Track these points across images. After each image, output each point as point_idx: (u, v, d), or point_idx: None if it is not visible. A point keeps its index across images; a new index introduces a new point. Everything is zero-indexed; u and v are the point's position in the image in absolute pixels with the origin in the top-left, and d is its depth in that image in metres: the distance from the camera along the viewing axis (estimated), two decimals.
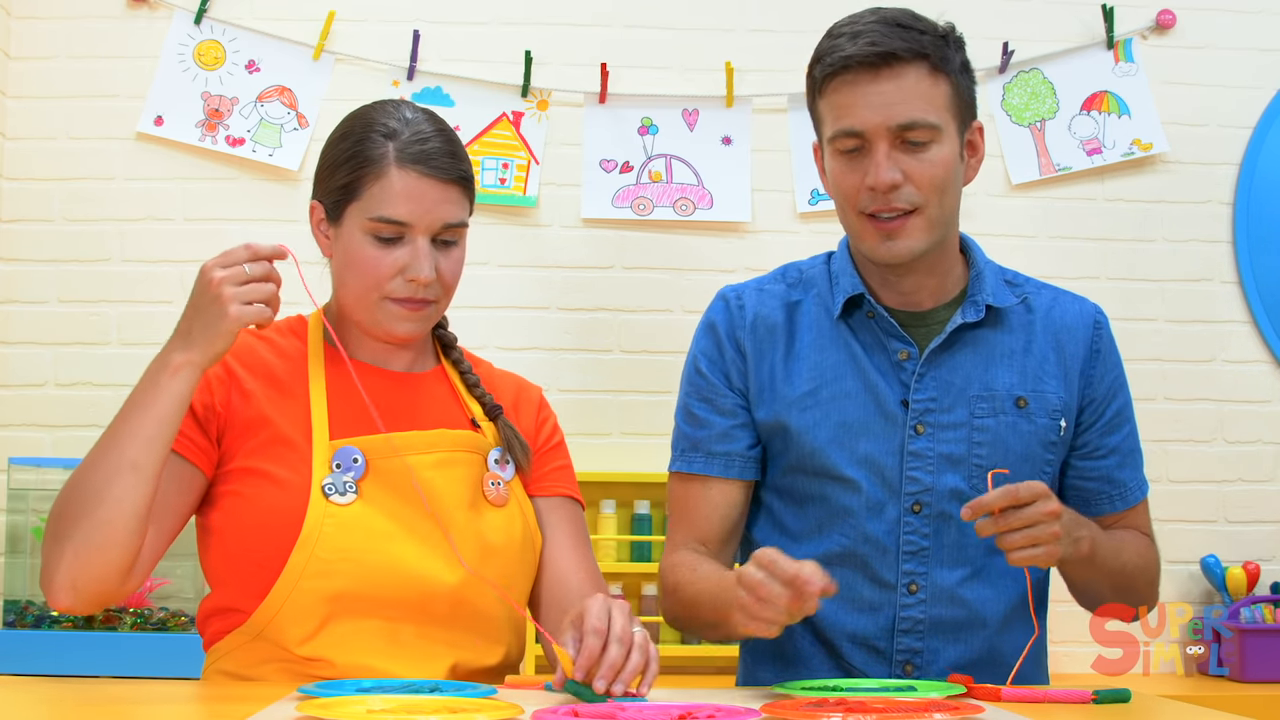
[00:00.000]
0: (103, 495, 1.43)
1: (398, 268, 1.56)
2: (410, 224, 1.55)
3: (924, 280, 1.70)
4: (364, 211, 1.56)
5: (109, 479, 1.43)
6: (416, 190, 1.55)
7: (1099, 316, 1.77)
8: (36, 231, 3.06)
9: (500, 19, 3.16)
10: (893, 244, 1.63)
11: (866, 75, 1.60)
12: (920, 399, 1.68)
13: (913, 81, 1.60)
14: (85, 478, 1.45)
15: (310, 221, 1.64)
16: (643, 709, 1.24)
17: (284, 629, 1.50)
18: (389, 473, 1.55)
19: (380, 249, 1.56)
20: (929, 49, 1.61)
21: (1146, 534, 1.79)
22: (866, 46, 1.60)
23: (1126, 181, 3.20)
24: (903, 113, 1.60)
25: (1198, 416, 3.17)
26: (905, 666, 1.68)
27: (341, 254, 1.59)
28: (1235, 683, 2.89)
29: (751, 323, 1.75)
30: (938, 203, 1.63)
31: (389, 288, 1.56)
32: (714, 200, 3.14)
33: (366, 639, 1.51)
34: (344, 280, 1.60)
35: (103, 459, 1.44)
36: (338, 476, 1.53)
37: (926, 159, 1.61)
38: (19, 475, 2.90)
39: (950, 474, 1.67)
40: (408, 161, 1.56)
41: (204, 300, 1.44)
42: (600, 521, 3.00)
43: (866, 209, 1.63)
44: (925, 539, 1.67)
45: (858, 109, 1.61)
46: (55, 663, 2.63)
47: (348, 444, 1.55)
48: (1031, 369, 1.71)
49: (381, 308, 1.58)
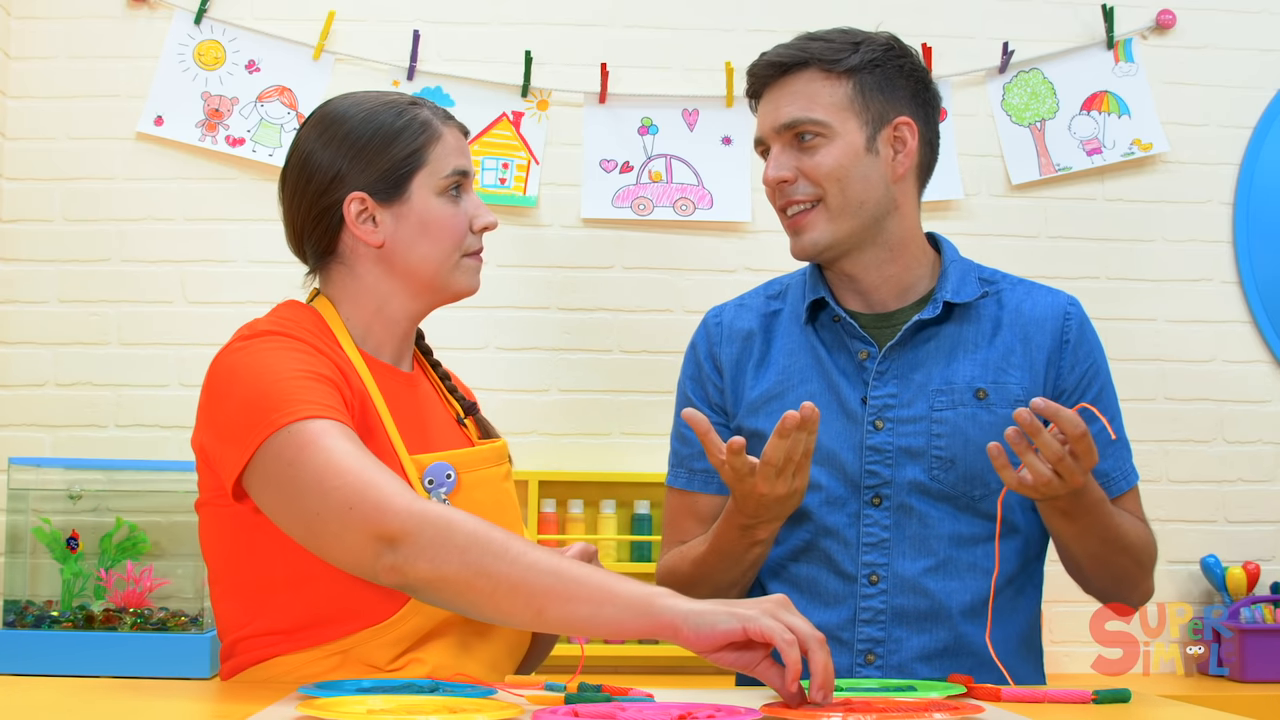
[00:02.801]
0: (498, 593, 1.34)
1: (468, 220, 1.60)
2: (470, 173, 1.62)
3: (879, 280, 1.77)
4: (435, 173, 1.58)
5: (511, 594, 1.34)
6: (462, 143, 1.62)
7: (1070, 308, 1.80)
8: (36, 231, 3.06)
9: (500, 19, 3.16)
10: (800, 237, 1.76)
11: (764, 88, 1.77)
12: (879, 395, 1.73)
13: (801, 85, 1.73)
14: (506, 564, 1.34)
15: (346, 217, 1.56)
16: (643, 709, 1.24)
17: (379, 649, 1.46)
18: (471, 487, 1.55)
19: (455, 206, 1.59)
20: (819, 54, 1.73)
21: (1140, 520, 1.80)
22: (761, 65, 1.77)
23: (1126, 181, 3.20)
24: (787, 114, 1.73)
25: (1198, 416, 3.17)
26: (867, 656, 1.71)
27: (414, 226, 1.57)
28: (1235, 683, 2.89)
29: (728, 336, 1.84)
30: (837, 193, 1.72)
31: (466, 243, 1.60)
32: (714, 200, 3.14)
33: (443, 652, 1.50)
34: (418, 254, 1.57)
35: (532, 582, 1.33)
36: (435, 492, 1.52)
37: (817, 153, 1.72)
38: (19, 475, 2.90)
39: (910, 466, 1.72)
40: (445, 120, 1.62)
41: None
42: (600, 521, 3.00)
43: (778, 206, 1.77)
44: (886, 530, 1.71)
45: (760, 119, 1.78)
46: (55, 663, 2.63)
47: (439, 460, 1.54)
48: (994, 361, 1.75)
49: (460, 266, 1.61)
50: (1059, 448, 1.50)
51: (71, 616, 2.77)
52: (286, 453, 1.40)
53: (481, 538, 1.35)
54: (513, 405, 3.06)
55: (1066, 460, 1.50)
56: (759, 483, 1.56)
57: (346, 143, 1.57)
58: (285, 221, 1.63)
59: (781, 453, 1.53)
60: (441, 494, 1.52)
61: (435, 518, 1.36)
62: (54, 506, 2.88)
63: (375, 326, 1.60)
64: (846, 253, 1.75)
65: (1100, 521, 1.66)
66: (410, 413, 1.58)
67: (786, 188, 1.74)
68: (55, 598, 2.83)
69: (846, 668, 1.71)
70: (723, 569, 1.73)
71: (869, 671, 1.70)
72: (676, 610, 1.28)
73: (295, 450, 1.40)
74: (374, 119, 1.57)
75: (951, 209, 3.15)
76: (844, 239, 1.74)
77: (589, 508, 3.02)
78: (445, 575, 1.35)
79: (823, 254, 1.75)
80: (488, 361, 3.07)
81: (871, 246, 1.75)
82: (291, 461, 1.40)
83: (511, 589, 1.33)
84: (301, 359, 1.47)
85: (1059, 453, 1.50)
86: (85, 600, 2.78)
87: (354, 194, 1.56)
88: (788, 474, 1.56)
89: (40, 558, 2.88)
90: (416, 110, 1.59)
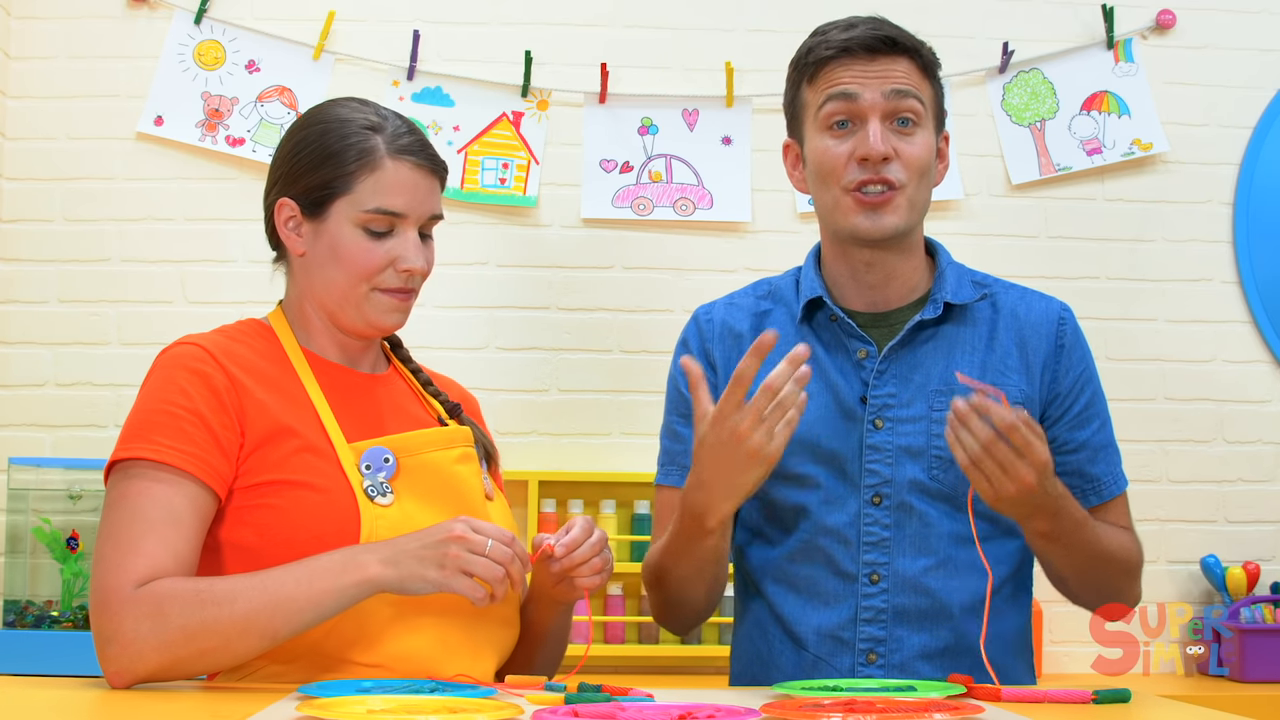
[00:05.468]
0: (231, 641, 1.41)
1: (389, 259, 1.57)
2: (405, 215, 1.57)
3: (890, 275, 1.76)
4: (357, 204, 1.56)
5: (243, 633, 1.41)
6: (410, 181, 1.57)
7: (1064, 313, 1.81)
8: (36, 231, 3.06)
9: (500, 19, 3.16)
10: (879, 217, 1.70)
11: (864, 57, 1.70)
12: (879, 394, 1.73)
13: (906, 69, 1.72)
14: (224, 609, 1.40)
15: (274, 220, 1.61)
16: (643, 709, 1.24)
17: (347, 639, 1.48)
18: (415, 470, 1.56)
19: (372, 241, 1.56)
20: (920, 48, 1.73)
21: (1126, 528, 1.80)
22: (867, 32, 1.71)
23: (1126, 181, 3.20)
24: (900, 82, 1.70)
25: (1198, 416, 3.17)
26: (869, 655, 1.70)
27: (325, 249, 1.58)
28: (1235, 683, 2.89)
29: (720, 333, 1.82)
30: (916, 185, 1.71)
31: (380, 279, 1.57)
32: (714, 200, 3.14)
33: (422, 644, 1.50)
34: (326, 275, 1.58)
35: (251, 612, 1.40)
36: (373, 478, 1.52)
37: (914, 140, 1.70)
38: (19, 475, 2.90)
39: (910, 465, 1.71)
40: (399, 153, 1.57)
41: (432, 547, 1.42)
42: (600, 521, 3.00)
43: (853, 182, 1.69)
44: (886, 529, 1.71)
45: (853, 79, 1.70)
46: (55, 663, 2.63)
47: (376, 444, 1.54)
48: (994, 363, 1.75)
49: (370, 300, 1.58)
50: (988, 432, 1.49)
51: (71, 616, 2.77)
52: (118, 485, 1.48)
53: (193, 599, 1.41)
54: (513, 405, 3.06)
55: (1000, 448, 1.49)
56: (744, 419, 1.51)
57: (293, 150, 1.60)
58: None
59: (752, 372, 1.50)
60: (380, 478, 1.52)
61: (145, 600, 1.41)
62: (54, 506, 2.89)
63: (314, 328, 1.63)
64: (895, 245, 1.74)
65: (1082, 541, 1.66)
66: (361, 407, 1.58)
67: (882, 165, 1.68)
68: (55, 598, 2.83)
69: (848, 667, 1.70)
70: (679, 562, 1.70)
71: (871, 671, 1.69)
72: (373, 561, 1.43)
73: (120, 491, 1.47)
74: (325, 134, 1.58)
75: (951, 209, 3.15)
76: (909, 230, 1.73)
77: (589, 508, 3.02)
78: (178, 655, 1.41)
79: (892, 239, 1.72)
80: (488, 361, 3.07)
81: (906, 243, 1.76)
82: (112, 499, 1.48)
83: (241, 630, 1.41)
84: (185, 394, 1.50)
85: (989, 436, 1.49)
86: (85, 600, 2.77)
87: (283, 199, 1.60)
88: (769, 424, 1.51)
89: (40, 558, 2.88)
90: (368, 136, 1.57)
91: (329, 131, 1.58)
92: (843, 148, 1.70)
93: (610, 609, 2.97)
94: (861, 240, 1.72)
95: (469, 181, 3.08)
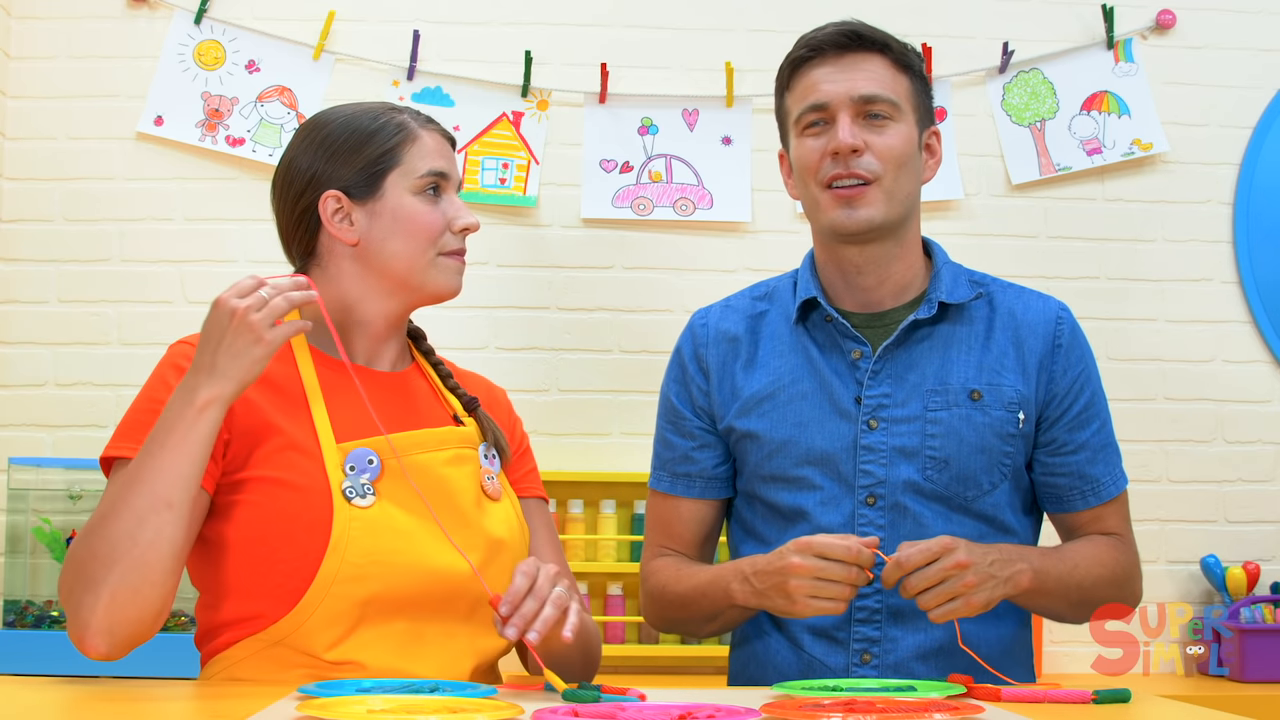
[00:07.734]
0: (136, 537, 1.40)
1: (447, 220, 1.63)
2: (450, 176, 1.65)
3: (883, 276, 1.77)
4: (410, 173, 1.62)
5: (141, 520, 1.40)
6: (443, 147, 1.66)
7: (1061, 313, 1.81)
8: (36, 231, 3.06)
9: (500, 19, 3.16)
10: (853, 211, 1.72)
11: (832, 56, 1.75)
12: (873, 395, 1.74)
13: (876, 65, 1.74)
14: (113, 521, 1.41)
15: (321, 215, 1.61)
16: (643, 709, 1.24)
17: (313, 635, 1.49)
18: (399, 472, 1.55)
19: (431, 205, 1.62)
20: (891, 44, 1.76)
21: (1119, 533, 1.80)
22: (832, 33, 1.75)
23: (1126, 181, 3.20)
24: (865, 85, 1.72)
25: (1198, 416, 3.17)
26: (863, 655, 1.71)
27: (387, 224, 1.61)
28: (1235, 683, 2.88)
29: (714, 337, 1.84)
30: (894, 176, 1.72)
31: (441, 242, 1.62)
32: (714, 200, 3.14)
33: (393, 641, 1.51)
34: (390, 250, 1.61)
35: (133, 499, 1.41)
36: (355, 479, 1.52)
37: (886, 133, 1.72)
38: (19, 475, 2.90)
39: (904, 466, 1.72)
40: (425, 124, 1.66)
41: (229, 332, 1.42)
42: (600, 521, 3.01)
43: (827, 176, 1.73)
44: (881, 530, 1.71)
45: (823, 85, 1.74)
46: (55, 663, 2.63)
47: (360, 445, 1.55)
48: (990, 363, 1.75)
49: (436, 264, 1.63)
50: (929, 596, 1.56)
51: None
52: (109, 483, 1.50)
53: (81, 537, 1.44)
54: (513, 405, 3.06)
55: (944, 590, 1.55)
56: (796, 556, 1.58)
57: (324, 145, 1.62)
58: (276, 227, 1.69)
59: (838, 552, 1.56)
60: (363, 480, 1.53)
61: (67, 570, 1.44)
62: (54, 506, 2.89)
63: (344, 328, 1.64)
64: (878, 240, 1.74)
65: (1055, 590, 1.69)
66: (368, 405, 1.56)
67: (852, 158, 1.71)
68: (55, 598, 2.83)
69: (843, 667, 1.71)
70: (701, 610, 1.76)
71: (865, 671, 1.70)
72: None
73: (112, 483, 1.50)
74: (352, 123, 1.63)
75: (951, 209, 3.15)
76: (888, 224, 1.73)
77: (589, 508, 3.02)
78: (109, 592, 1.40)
79: (869, 233, 1.73)
80: (488, 361, 3.07)
81: (892, 239, 1.76)
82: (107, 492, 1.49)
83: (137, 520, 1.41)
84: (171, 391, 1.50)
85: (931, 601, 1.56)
86: None
87: (329, 192, 1.61)
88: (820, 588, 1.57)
89: (40, 558, 2.88)
90: (394, 114, 1.65)
91: (353, 120, 1.63)
92: (817, 145, 1.74)
93: (610, 609, 2.97)
94: (842, 236, 1.74)
95: (469, 181, 3.08)
